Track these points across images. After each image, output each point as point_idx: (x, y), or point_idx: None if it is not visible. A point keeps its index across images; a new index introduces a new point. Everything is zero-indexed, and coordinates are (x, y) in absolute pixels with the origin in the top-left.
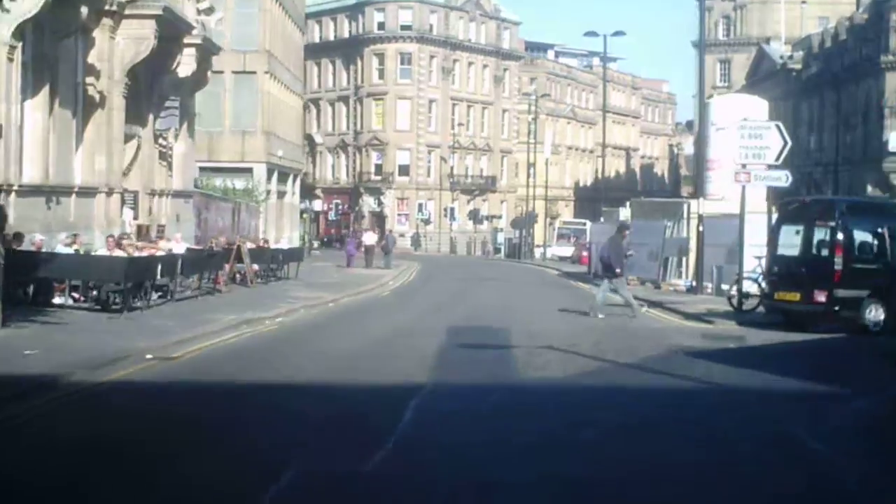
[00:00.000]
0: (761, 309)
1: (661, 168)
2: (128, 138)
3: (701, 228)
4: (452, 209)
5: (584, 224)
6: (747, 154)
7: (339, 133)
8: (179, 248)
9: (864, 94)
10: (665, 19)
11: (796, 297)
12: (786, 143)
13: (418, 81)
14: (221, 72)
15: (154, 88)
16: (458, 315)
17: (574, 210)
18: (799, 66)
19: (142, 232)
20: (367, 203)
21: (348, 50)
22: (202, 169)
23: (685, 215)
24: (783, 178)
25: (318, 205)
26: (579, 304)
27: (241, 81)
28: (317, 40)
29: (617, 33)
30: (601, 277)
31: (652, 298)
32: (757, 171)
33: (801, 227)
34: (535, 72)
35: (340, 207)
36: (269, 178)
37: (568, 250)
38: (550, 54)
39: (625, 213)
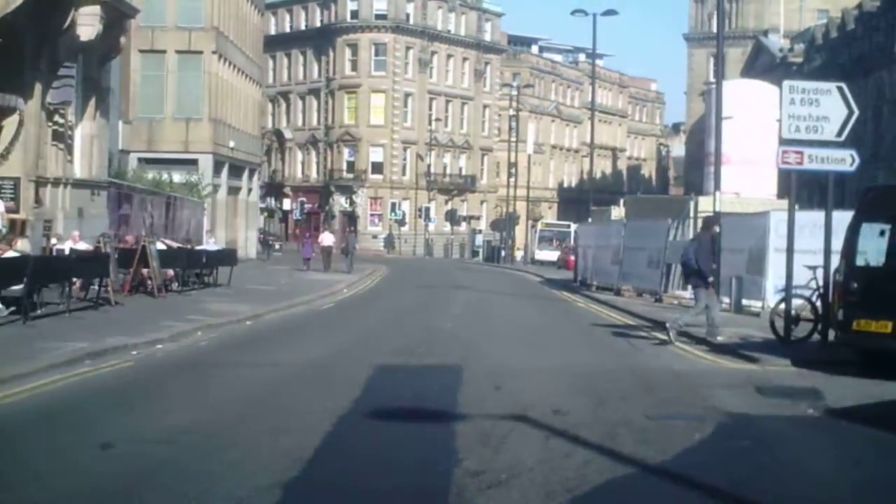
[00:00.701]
0: (815, 337)
1: (649, 170)
2: (3, 112)
3: (717, 229)
4: (428, 209)
5: (569, 226)
6: (798, 126)
7: (310, 128)
8: (78, 247)
9: (874, 88)
10: (654, 15)
11: (887, 327)
12: (851, 111)
13: (393, 74)
14: (164, 51)
15: (43, 53)
16: (402, 342)
17: (557, 212)
18: (800, 60)
19: (16, 227)
20: (338, 202)
21: (319, 40)
22: (141, 159)
23: (691, 214)
24: (848, 160)
25: (287, 203)
26: (565, 322)
27: (186, 62)
28: (287, 30)
29: (608, 12)
30: (695, 288)
31: (655, 316)
32: (811, 150)
33: (892, 226)
34: (518, 66)
35: (306, 206)
36: (217, 172)
37: (553, 255)
38: (534, 49)
39: (617, 212)
